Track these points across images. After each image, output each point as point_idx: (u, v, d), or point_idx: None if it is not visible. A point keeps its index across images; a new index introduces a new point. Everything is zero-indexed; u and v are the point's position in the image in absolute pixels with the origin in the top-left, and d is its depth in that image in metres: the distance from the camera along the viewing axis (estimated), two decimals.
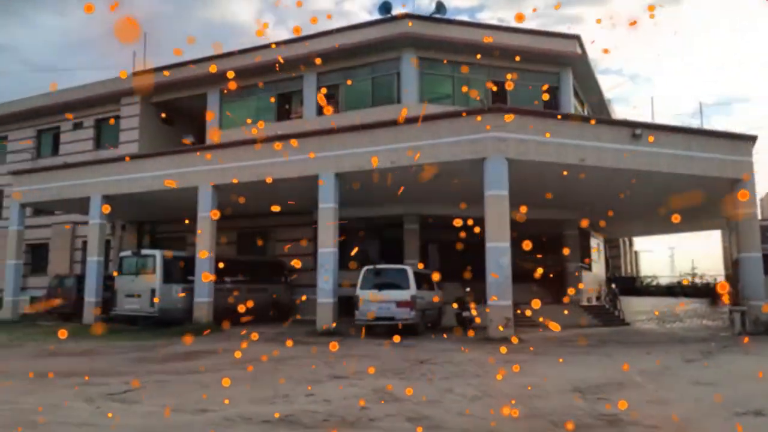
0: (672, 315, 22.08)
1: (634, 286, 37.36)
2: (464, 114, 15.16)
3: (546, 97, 21.95)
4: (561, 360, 10.41)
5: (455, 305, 16.91)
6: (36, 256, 28.76)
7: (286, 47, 22.38)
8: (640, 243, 49.12)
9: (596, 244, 29.65)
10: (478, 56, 19.64)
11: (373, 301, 14.99)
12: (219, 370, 9.28)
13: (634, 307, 23.69)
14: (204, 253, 17.59)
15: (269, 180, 15.95)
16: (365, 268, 15.83)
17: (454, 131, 14.79)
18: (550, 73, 22.19)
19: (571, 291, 21.43)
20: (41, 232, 27.82)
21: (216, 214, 16.82)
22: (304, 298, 16.13)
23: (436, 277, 17.25)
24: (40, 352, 12.31)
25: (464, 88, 20.28)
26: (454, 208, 19.65)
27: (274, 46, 21.94)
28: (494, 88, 21.16)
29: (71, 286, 21.04)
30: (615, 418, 6.09)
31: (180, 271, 18.12)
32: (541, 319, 17.80)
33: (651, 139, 15.09)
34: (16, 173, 23.22)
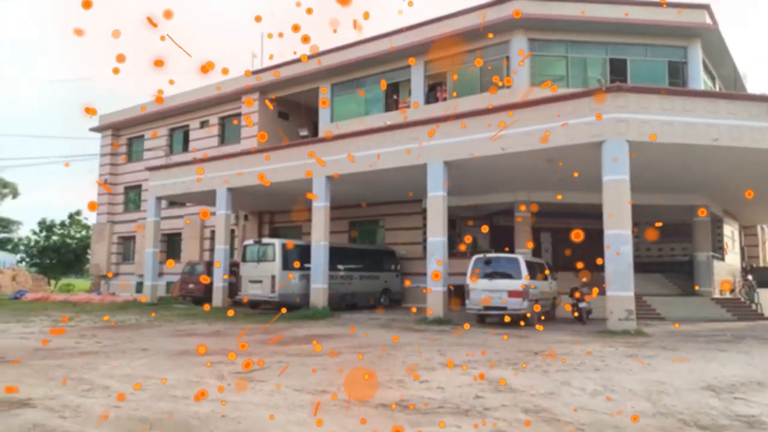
0: None
1: None
2: (579, 95, 14.46)
3: (672, 73, 20.40)
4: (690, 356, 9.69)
5: (571, 296, 16.29)
6: (171, 245, 31.53)
7: (394, 38, 22.56)
8: None
9: (730, 231, 27.16)
10: (595, 36, 18.67)
11: (484, 291, 14.81)
12: (336, 354, 9.65)
13: None
14: (318, 240, 18.37)
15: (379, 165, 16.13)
16: (475, 257, 15.67)
17: (569, 114, 14.15)
18: (676, 47, 20.53)
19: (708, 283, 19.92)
20: (175, 223, 30.39)
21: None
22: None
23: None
24: (175, 332, 13.47)
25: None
26: (568, 194, 18.98)
27: (395, 50, 22.01)
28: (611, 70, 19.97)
29: (202, 272, 22.81)
30: (754, 419, 5.59)
31: (298, 259, 19.04)
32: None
33: None
34: (151, 169, 25.51)
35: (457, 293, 17.49)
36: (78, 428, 5.16)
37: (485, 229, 12.71)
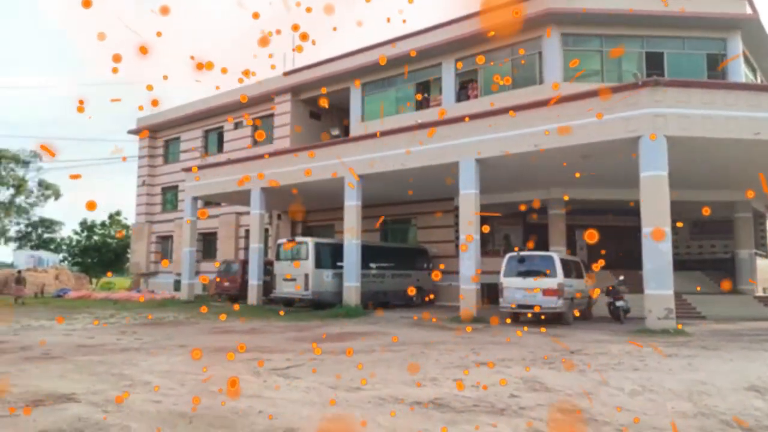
0: None
1: None
2: (614, 90, 14.17)
3: (711, 66, 19.83)
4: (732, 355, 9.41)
5: (607, 294, 15.97)
6: (207, 244, 32.12)
7: (424, 36, 22.50)
8: None
9: None
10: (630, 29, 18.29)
11: (518, 289, 14.66)
12: (370, 351, 9.70)
13: None
14: (350, 237, 18.46)
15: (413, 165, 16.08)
16: (508, 255, 15.53)
17: (604, 109, 13.89)
18: (715, 39, 19.94)
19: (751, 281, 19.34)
20: (211, 222, 30.94)
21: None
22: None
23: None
24: (212, 329, 13.73)
25: (615, 53, 18.78)
26: (604, 191, 18.63)
27: (425, 48, 22.01)
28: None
29: (237, 271, 23.17)
30: None
31: (330, 258, 19.17)
32: None
33: None
34: (187, 170, 26.01)
35: (491, 291, 17.38)
36: (120, 422, 5.32)
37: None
